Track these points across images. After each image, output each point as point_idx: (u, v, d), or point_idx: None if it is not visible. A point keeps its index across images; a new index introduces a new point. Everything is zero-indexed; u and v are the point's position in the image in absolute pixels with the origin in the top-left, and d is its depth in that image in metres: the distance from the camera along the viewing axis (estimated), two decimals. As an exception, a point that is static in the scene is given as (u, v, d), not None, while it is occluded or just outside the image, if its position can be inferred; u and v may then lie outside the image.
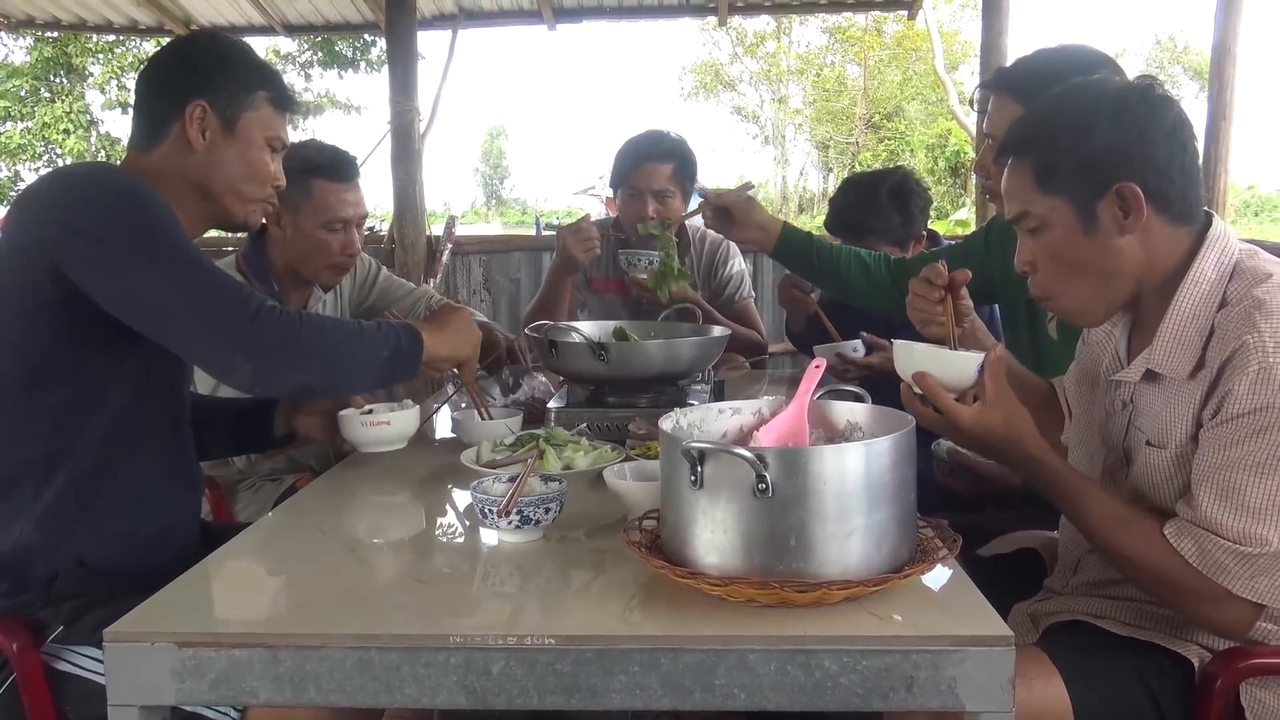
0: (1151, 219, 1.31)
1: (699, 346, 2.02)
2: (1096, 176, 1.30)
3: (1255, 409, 1.21)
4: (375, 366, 1.51)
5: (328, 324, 1.48)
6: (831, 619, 1.10)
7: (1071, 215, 1.33)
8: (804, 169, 32.63)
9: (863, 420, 1.34)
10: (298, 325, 1.41)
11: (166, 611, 1.16)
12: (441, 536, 1.50)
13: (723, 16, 5.84)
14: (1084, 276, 1.36)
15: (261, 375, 1.40)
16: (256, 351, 1.39)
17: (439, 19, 5.77)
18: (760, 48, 29.49)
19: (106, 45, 17.94)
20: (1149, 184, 1.29)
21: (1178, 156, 1.31)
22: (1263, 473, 1.21)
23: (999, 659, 1.05)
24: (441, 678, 1.07)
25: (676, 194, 2.84)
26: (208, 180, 1.57)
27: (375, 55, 15.96)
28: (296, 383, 1.46)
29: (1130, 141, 1.30)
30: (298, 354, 1.42)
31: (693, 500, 1.15)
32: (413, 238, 5.15)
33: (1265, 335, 1.21)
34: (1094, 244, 1.33)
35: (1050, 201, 1.34)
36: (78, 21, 6.02)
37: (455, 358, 1.68)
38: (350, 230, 2.29)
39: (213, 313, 1.38)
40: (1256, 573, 1.22)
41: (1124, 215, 1.30)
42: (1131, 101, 1.31)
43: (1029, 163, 1.35)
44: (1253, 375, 1.21)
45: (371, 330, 1.52)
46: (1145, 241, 1.32)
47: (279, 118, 1.64)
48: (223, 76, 1.57)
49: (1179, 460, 1.33)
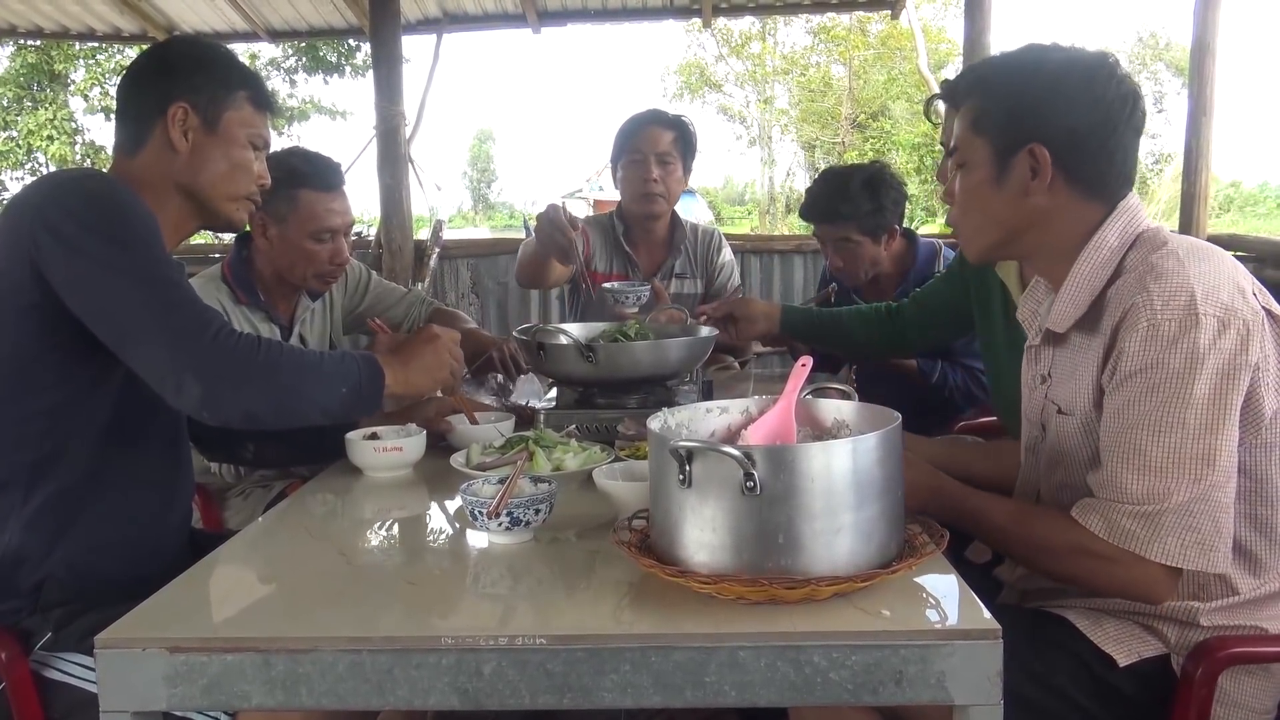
0: (1059, 186, 1.36)
1: (687, 347, 2.03)
2: (1015, 131, 1.36)
3: (1146, 366, 1.25)
4: (332, 401, 1.47)
5: (287, 354, 1.44)
6: (820, 615, 1.10)
7: (989, 161, 1.39)
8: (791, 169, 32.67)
9: (850, 418, 1.35)
10: (255, 353, 1.39)
11: (158, 617, 1.16)
12: (432, 539, 1.51)
13: (707, 18, 5.86)
14: (984, 219, 1.43)
15: (211, 399, 1.36)
16: (209, 374, 1.36)
17: (423, 23, 5.76)
18: (745, 48, 29.52)
19: (89, 52, 17.85)
20: (1061, 152, 1.34)
21: (1103, 133, 1.34)
22: (1160, 430, 1.24)
23: (987, 652, 1.06)
24: (433, 679, 1.07)
25: (677, 163, 2.88)
26: (193, 180, 1.58)
27: (360, 60, 15.93)
28: (246, 410, 1.40)
29: (1054, 108, 1.34)
30: (251, 381, 1.38)
31: (681, 499, 1.15)
32: (400, 242, 5.14)
33: (1154, 295, 1.25)
34: (1000, 193, 1.39)
35: (976, 143, 1.41)
36: (60, 29, 6.00)
37: (418, 394, 1.64)
38: (338, 239, 2.29)
39: (170, 330, 1.37)
40: (1163, 534, 1.24)
41: (1031, 175, 1.36)
42: (1074, 72, 1.35)
43: (971, 102, 1.42)
44: (1142, 333, 1.25)
45: (332, 364, 1.48)
46: (1049, 206, 1.37)
47: (260, 117, 1.65)
48: (202, 77, 1.58)
49: (1085, 427, 1.36)
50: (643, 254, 2.98)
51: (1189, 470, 1.23)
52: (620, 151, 2.91)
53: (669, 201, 2.93)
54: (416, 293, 2.73)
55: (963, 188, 1.44)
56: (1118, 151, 1.36)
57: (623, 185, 2.93)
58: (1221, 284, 1.25)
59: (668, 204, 2.93)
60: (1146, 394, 1.25)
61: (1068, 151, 1.34)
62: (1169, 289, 1.25)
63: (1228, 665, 1.32)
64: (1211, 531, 1.24)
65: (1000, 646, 1.05)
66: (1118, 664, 1.34)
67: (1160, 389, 1.24)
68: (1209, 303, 1.23)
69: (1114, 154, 1.36)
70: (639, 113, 2.94)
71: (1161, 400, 1.24)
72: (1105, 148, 1.35)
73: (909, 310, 2.43)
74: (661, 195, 2.88)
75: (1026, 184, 1.36)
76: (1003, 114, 1.38)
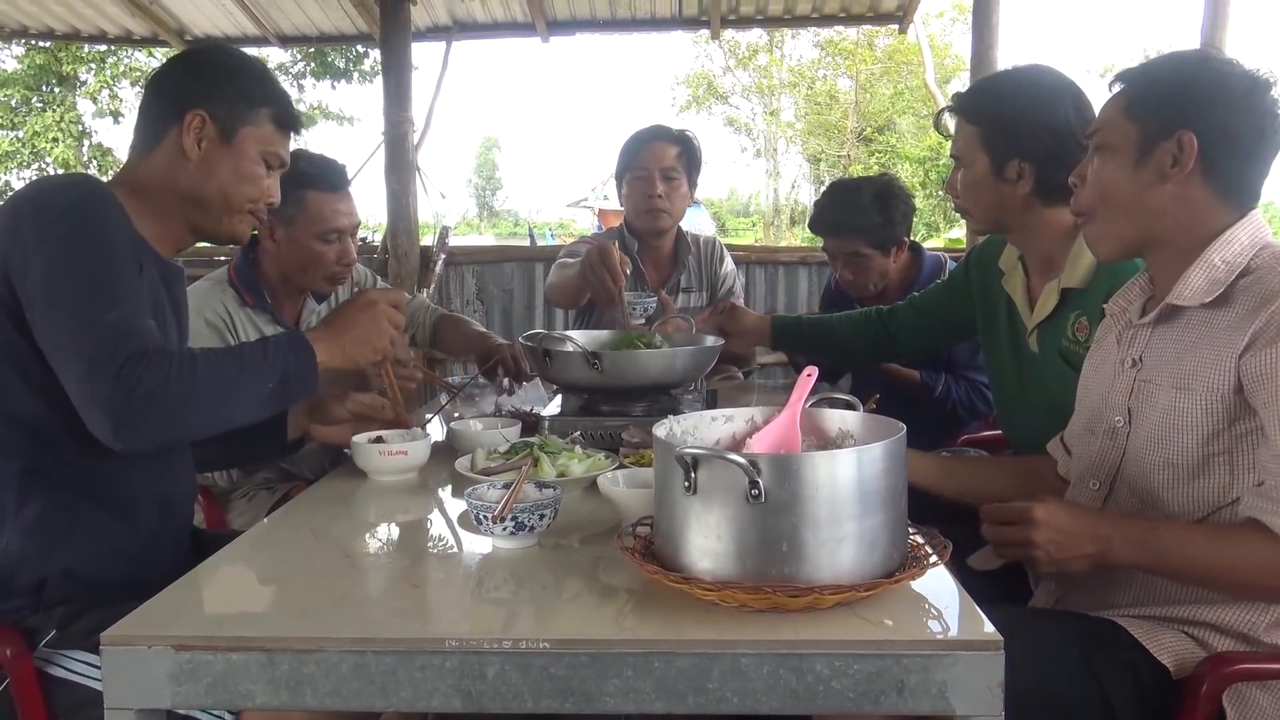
0: (1196, 180, 1.38)
1: (692, 356, 2.03)
2: (1168, 116, 1.38)
3: None
4: (258, 400, 1.43)
5: (201, 369, 1.37)
6: (823, 623, 1.11)
7: (1135, 143, 1.41)
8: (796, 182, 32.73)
9: (854, 428, 1.35)
10: (164, 378, 1.32)
11: (163, 615, 1.16)
12: (436, 542, 1.51)
13: (715, 29, 5.88)
14: (1116, 205, 1.45)
15: (121, 433, 1.32)
16: (115, 408, 1.31)
17: (433, 30, 5.79)
18: (753, 60, 29.60)
19: (98, 55, 17.92)
20: (1209, 145, 1.37)
21: (1252, 139, 1.37)
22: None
23: (989, 663, 1.06)
24: (437, 681, 1.08)
25: (682, 179, 2.89)
26: (197, 189, 1.57)
27: (368, 66, 15.99)
28: (161, 438, 1.37)
29: (1214, 102, 1.37)
30: (162, 411, 1.33)
31: (686, 506, 1.16)
32: (406, 248, 5.15)
33: None
34: (1137, 177, 1.41)
35: (1126, 126, 1.43)
36: (71, 31, 6.03)
37: (354, 365, 1.59)
38: (345, 240, 2.30)
39: (83, 359, 1.32)
40: None
41: (1172, 163, 1.38)
42: (1237, 75, 1.38)
43: (1127, 88, 1.45)
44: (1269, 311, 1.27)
45: (254, 363, 1.43)
46: (1182, 197, 1.40)
47: (280, 136, 1.64)
48: (228, 88, 1.57)
49: (1208, 406, 1.35)
50: (649, 269, 2.99)
51: None
52: (625, 167, 2.92)
53: (673, 217, 2.92)
54: (421, 300, 2.74)
55: (1098, 170, 1.47)
56: (1260, 162, 1.40)
57: (627, 201, 2.94)
58: None
59: (672, 219, 2.93)
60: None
61: (1215, 147, 1.37)
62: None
63: (1231, 682, 1.31)
64: None
65: (1001, 657, 1.06)
66: (1172, 675, 1.33)
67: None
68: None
69: (1255, 163, 1.40)
70: (643, 128, 2.94)
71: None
72: (1250, 154, 1.39)
73: (904, 315, 2.42)
74: (666, 211, 2.88)
75: (1165, 170, 1.39)
76: (1159, 99, 1.41)
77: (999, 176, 1.89)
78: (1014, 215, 1.92)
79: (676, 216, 2.94)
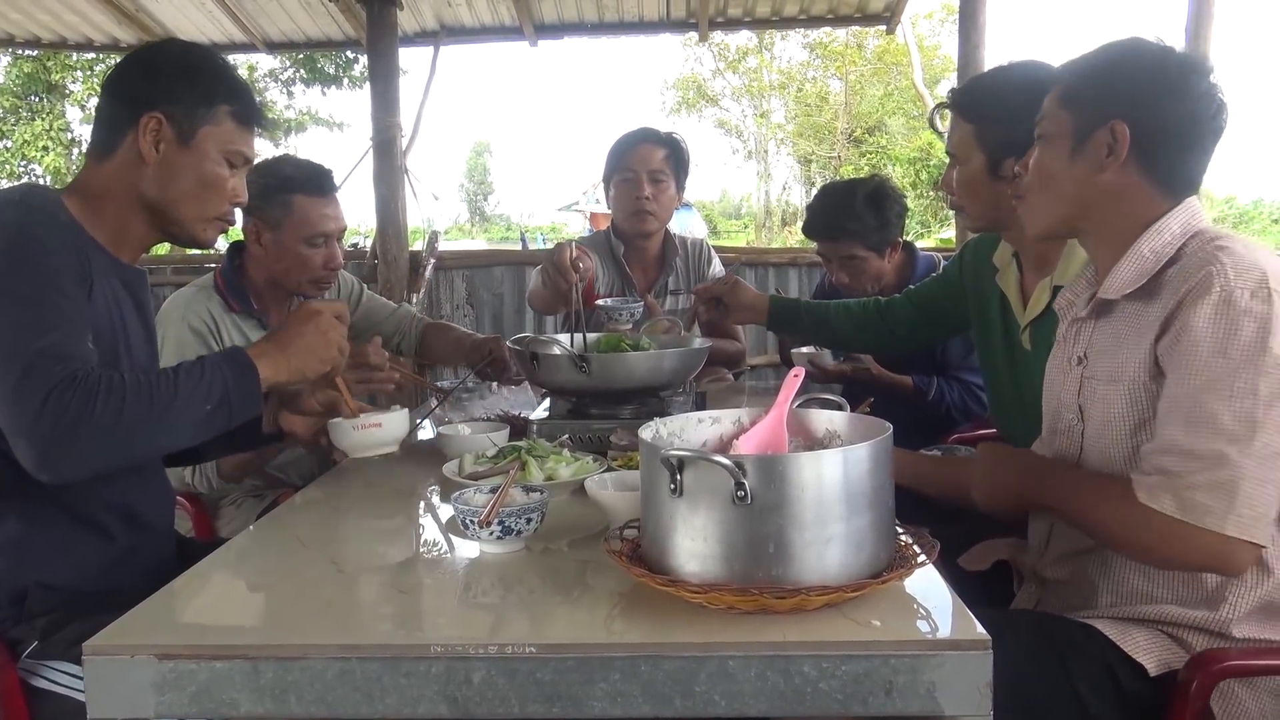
0: (1131, 169, 1.39)
1: (680, 358, 2.03)
2: (1102, 106, 1.40)
3: (1219, 333, 1.25)
4: (195, 423, 1.38)
5: (130, 395, 1.31)
6: (811, 625, 1.10)
7: (1070, 133, 1.42)
8: (787, 183, 32.79)
9: (841, 428, 1.35)
10: (91, 406, 1.28)
11: (146, 624, 1.16)
12: (423, 548, 1.50)
13: (703, 32, 5.88)
14: (1052, 188, 1.46)
15: (45, 463, 1.28)
16: (38, 439, 1.27)
17: (420, 35, 5.78)
18: (742, 63, 29.64)
19: (86, 63, 17.87)
20: (1142, 134, 1.37)
21: (1185, 126, 1.37)
22: (1233, 395, 1.23)
23: (977, 663, 1.05)
24: (423, 687, 1.07)
25: (670, 181, 2.88)
26: (158, 193, 1.52)
27: (358, 72, 15.96)
28: (89, 467, 1.31)
29: (1145, 91, 1.37)
30: (88, 437, 1.28)
31: (672, 508, 1.15)
32: (395, 253, 5.15)
33: (1227, 267, 1.27)
34: (1073, 166, 1.43)
35: (1061, 116, 1.44)
36: (58, 40, 6.00)
37: (302, 379, 1.54)
38: (332, 244, 2.30)
39: (8, 387, 1.28)
40: (1238, 506, 1.22)
41: (1108, 152, 1.38)
42: (1171, 63, 1.38)
43: (1065, 78, 1.46)
44: (1214, 298, 1.26)
45: (190, 385, 1.37)
46: (1118, 186, 1.40)
47: (242, 132, 1.58)
48: (183, 87, 1.52)
49: (1131, 394, 1.37)
50: (637, 272, 2.98)
51: (1261, 437, 1.22)
52: (612, 170, 2.91)
53: (660, 220, 2.91)
54: (407, 308, 2.73)
55: (1038, 159, 1.49)
56: (1196, 150, 1.39)
57: (614, 204, 2.93)
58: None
59: (659, 222, 2.92)
60: (1218, 358, 1.25)
61: (1148, 136, 1.37)
62: (1242, 264, 1.27)
63: (1219, 680, 1.31)
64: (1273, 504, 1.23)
65: (990, 658, 1.05)
66: (1149, 673, 1.33)
67: (1232, 355, 1.24)
68: (1277, 279, 1.25)
69: (1192, 150, 1.39)
70: (630, 131, 2.93)
71: (1234, 366, 1.23)
72: (1185, 142, 1.38)
73: (900, 308, 2.42)
74: (653, 213, 2.87)
75: (1101, 160, 1.40)
76: (1094, 89, 1.41)
77: (994, 174, 1.89)
78: (1010, 213, 1.92)
79: (664, 219, 2.93)
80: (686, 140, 2.96)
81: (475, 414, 2.32)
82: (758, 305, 2.45)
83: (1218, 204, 25.63)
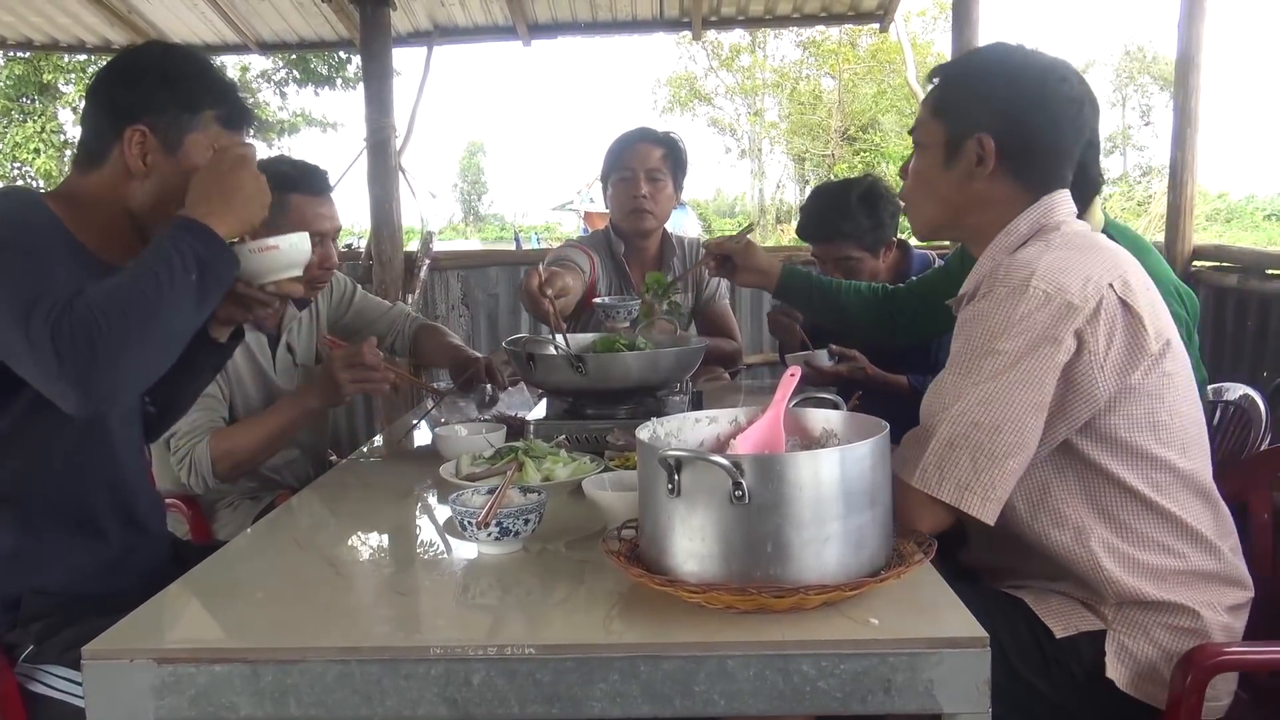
0: (1001, 176, 1.47)
1: (676, 357, 2.03)
2: (968, 119, 1.47)
3: (970, 319, 1.38)
4: (194, 297, 1.33)
5: (123, 296, 1.28)
6: (809, 624, 1.11)
7: (942, 143, 1.50)
8: (781, 181, 32.75)
9: (838, 427, 1.35)
10: (95, 322, 1.25)
11: (145, 628, 1.16)
12: (421, 549, 1.50)
13: (697, 31, 5.87)
14: (932, 198, 1.54)
15: (87, 394, 1.26)
16: (69, 377, 1.25)
17: (414, 35, 5.77)
18: (735, 61, 29.64)
19: (78, 64, 17.82)
20: (1007, 144, 1.45)
21: (1049, 134, 1.46)
22: (958, 371, 1.35)
23: (975, 660, 1.06)
24: (422, 689, 1.07)
25: (667, 180, 2.89)
26: (148, 204, 1.50)
27: (351, 72, 15.93)
28: (129, 379, 1.30)
29: (1005, 102, 1.45)
30: (108, 353, 1.25)
31: (670, 508, 1.16)
32: (390, 254, 5.13)
33: (1001, 267, 1.39)
34: (947, 175, 1.50)
35: (933, 126, 1.52)
36: (50, 41, 5.98)
37: (251, 225, 1.48)
38: (327, 243, 2.30)
39: (23, 349, 1.26)
40: (924, 463, 1.32)
41: (977, 161, 1.47)
42: (1029, 72, 1.47)
43: (936, 87, 1.54)
44: (981, 294, 1.39)
45: (165, 267, 1.31)
46: (991, 192, 1.48)
47: (229, 136, 1.56)
48: (165, 96, 1.49)
49: None
50: (636, 270, 2.99)
51: (967, 410, 1.31)
52: (610, 169, 2.92)
53: (658, 218, 2.93)
54: (401, 308, 2.73)
55: (915, 167, 1.57)
56: (1059, 152, 1.47)
57: (612, 202, 2.94)
58: (1072, 270, 1.34)
59: (657, 220, 2.93)
60: (962, 340, 1.37)
61: (1014, 145, 1.45)
62: (1016, 264, 1.37)
63: (1215, 673, 1.33)
64: (970, 473, 1.29)
65: (989, 654, 1.06)
66: (1054, 635, 1.41)
67: (973, 339, 1.35)
68: (1043, 280, 1.33)
69: (1056, 153, 1.47)
70: (629, 130, 2.95)
71: (970, 348, 1.35)
72: (1049, 145, 1.46)
73: (904, 298, 2.39)
74: (650, 212, 2.88)
75: (972, 169, 1.48)
76: (960, 101, 1.50)
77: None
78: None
79: (661, 217, 2.94)
80: (684, 140, 2.97)
81: (472, 415, 2.32)
82: (770, 269, 2.35)
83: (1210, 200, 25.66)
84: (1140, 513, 1.39)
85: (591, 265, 2.86)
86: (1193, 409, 1.45)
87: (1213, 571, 1.41)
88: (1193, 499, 1.42)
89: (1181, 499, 1.40)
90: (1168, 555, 1.39)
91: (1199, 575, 1.40)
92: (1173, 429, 1.39)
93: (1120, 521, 1.39)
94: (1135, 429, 1.37)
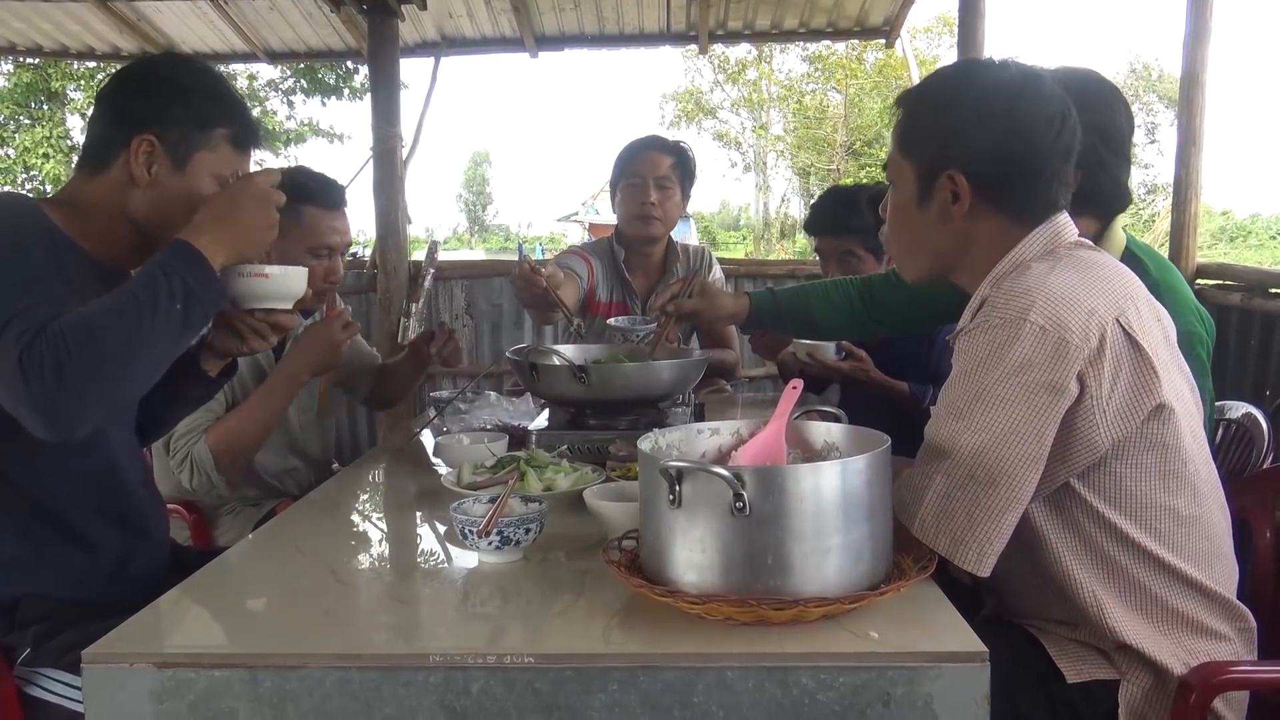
0: (982, 211, 1.37)
1: (678, 369, 2.03)
2: (936, 157, 1.37)
3: (963, 351, 1.31)
4: (174, 327, 1.31)
5: (97, 321, 1.26)
6: (809, 636, 1.11)
7: (914, 182, 1.41)
8: (785, 195, 32.79)
9: (839, 440, 1.35)
10: (64, 347, 1.23)
11: (145, 633, 1.16)
12: (422, 558, 1.50)
13: (703, 45, 5.90)
14: (911, 239, 1.46)
15: (53, 420, 1.25)
16: (34, 400, 1.23)
17: (421, 46, 5.79)
18: (741, 75, 29.71)
19: (87, 71, 17.91)
20: (982, 179, 1.35)
21: (1027, 158, 1.34)
22: (951, 414, 1.29)
23: (974, 675, 1.06)
24: (421, 697, 1.07)
25: (675, 188, 2.91)
26: (148, 214, 1.49)
27: (358, 82, 15.98)
28: (94, 406, 1.27)
29: (975, 135, 1.34)
30: (75, 379, 1.23)
31: (671, 519, 1.16)
32: (395, 263, 5.15)
33: (1001, 292, 1.30)
34: (923, 215, 1.40)
35: (903, 164, 1.42)
36: (60, 48, 6.01)
37: (246, 258, 1.45)
38: (335, 257, 2.31)
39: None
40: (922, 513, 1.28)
41: (953, 199, 1.37)
42: (998, 98, 1.35)
43: (901, 120, 1.44)
44: (978, 321, 1.30)
45: (150, 293, 1.29)
46: (973, 230, 1.39)
47: (238, 156, 1.55)
48: (179, 110, 1.48)
49: None
50: (638, 278, 3.00)
51: (962, 463, 1.26)
52: (619, 174, 2.95)
53: (665, 226, 2.94)
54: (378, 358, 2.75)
55: (891, 206, 1.47)
56: (1039, 176, 1.35)
57: (620, 207, 2.96)
58: (1077, 300, 1.25)
59: (664, 228, 2.94)
60: (958, 372, 1.31)
61: (989, 178, 1.35)
62: (1016, 290, 1.28)
63: (1221, 691, 1.32)
64: (965, 528, 1.25)
65: (988, 670, 1.06)
66: (1066, 679, 1.35)
67: (970, 376, 1.28)
68: (1041, 312, 1.24)
69: (1039, 178, 1.36)
70: (639, 138, 2.98)
71: (966, 388, 1.28)
72: (1029, 174, 1.35)
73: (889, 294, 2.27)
74: (658, 218, 2.90)
75: (948, 208, 1.38)
76: (923, 137, 1.39)
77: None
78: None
79: (668, 225, 2.96)
80: (693, 150, 2.99)
81: (474, 424, 2.32)
82: (739, 311, 2.23)
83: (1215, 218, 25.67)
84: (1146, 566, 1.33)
85: (590, 271, 2.88)
86: (1201, 449, 1.37)
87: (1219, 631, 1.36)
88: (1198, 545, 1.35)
89: (1186, 548, 1.34)
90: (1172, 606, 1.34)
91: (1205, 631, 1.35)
92: (1184, 476, 1.32)
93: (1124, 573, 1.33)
94: (1143, 478, 1.30)
